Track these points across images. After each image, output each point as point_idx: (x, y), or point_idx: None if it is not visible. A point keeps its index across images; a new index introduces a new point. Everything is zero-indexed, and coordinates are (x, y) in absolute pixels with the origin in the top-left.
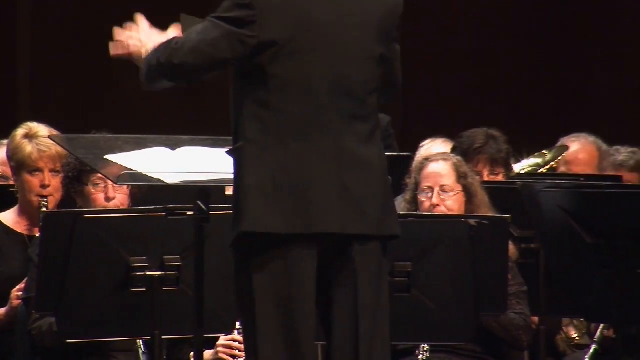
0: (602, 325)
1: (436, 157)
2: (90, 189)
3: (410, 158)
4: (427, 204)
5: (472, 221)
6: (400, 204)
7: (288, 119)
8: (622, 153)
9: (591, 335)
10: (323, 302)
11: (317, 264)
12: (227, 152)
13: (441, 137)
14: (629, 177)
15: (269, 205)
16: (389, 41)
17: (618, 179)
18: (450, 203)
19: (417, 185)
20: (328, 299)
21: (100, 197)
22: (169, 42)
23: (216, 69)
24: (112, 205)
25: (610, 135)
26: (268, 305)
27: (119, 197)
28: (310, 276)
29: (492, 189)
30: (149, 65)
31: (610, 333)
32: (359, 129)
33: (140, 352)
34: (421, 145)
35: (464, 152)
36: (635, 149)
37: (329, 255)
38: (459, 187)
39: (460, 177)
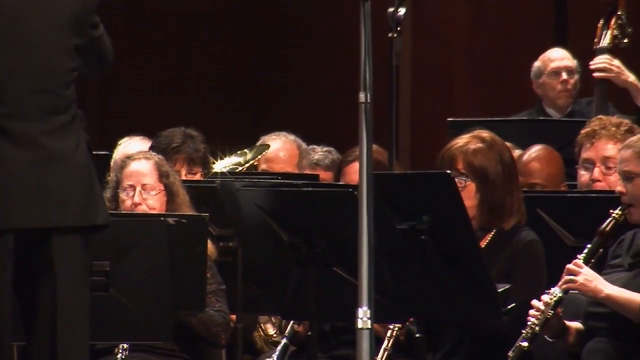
0: (292, 320)
1: (138, 155)
2: None
3: (109, 157)
4: (128, 203)
5: (170, 220)
6: None
7: None
8: (318, 152)
9: (282, 330)
10: (24, 298)
11: (14, 259)
12: None
13: (139, 135)
14: (324, 176)
15: None
16: (85, 31)
17: (316, 177)
18: (152, 202)
19: (118, 183)
20: (28, 296)
21: None
22: None
23: None
24: None
25: (309, 134)
26: None
27: None
28: (5, 272)
29: (191, 188)
30: None
31: (300, 328)
32: (55, 122)
33: None
34: (119, 143)
35: (161, 151)
36: (330, 148)
37: (28, 250)
38: (161, 186)
39: (162, 176)
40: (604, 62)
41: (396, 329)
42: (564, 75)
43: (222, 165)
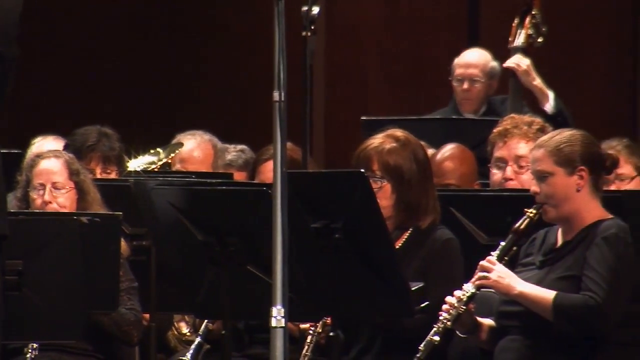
0: (206, 319)
1: (48, 154)
2: None
3: (21, 155)
4: (38, 202)
5: (83, 219)
6: (11, 202)
7: None
8: (231, 152)
9: (196, 328)
10: None
11: None
12: None
13: (52, 134)
14: (238, 177)
15: None
16: (9, 41)
17: (230, 176)
18: (62, 200)
19: (28, 182)
20: None
21: None
22: None
23: None
24: None
25: (224, 132)
26: None
27: None
28: None
29: (105, 187)
30: None
31: (214, 327)
32: None
33: None
34: (32, 142)
35: (76, 149)
36: (243, 147)
37: None
38: (72, 184)
39: (73, 174)
40: (514, 60)
41: (316, 334)
42: (466, 85)
43: (136, 164)
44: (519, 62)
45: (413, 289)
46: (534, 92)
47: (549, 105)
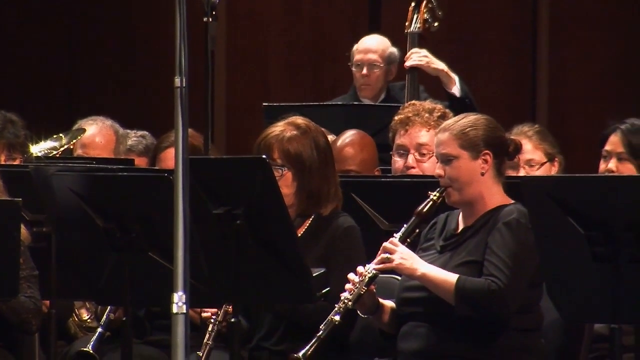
0: (108, 308)
1: None
2: None
3: None
4: None
5: None
6: None
7: None
8: (132, 137)
9: (98, 317)
10: None
11: None
12: None
13: None
14: (139, 162)
15: None
16: None
17: (131, 162)
18: None
19: None
20: None
21: None
22: None
23: None
24: None
25: (125, 118)
26: None
27: None
28: None
29: (5, 172)
30: None
31: (116, 316)
32: None
33: None
34: None
35: None
36: (144, 133)
37: None
38: None
39: None
40: (413, 58)
41: (217, 322)
42: (365, 70)
43: (37, 149)
44: (420, 57)
45: (315, 274)
46: (440, 77)
47: (457, 88)
